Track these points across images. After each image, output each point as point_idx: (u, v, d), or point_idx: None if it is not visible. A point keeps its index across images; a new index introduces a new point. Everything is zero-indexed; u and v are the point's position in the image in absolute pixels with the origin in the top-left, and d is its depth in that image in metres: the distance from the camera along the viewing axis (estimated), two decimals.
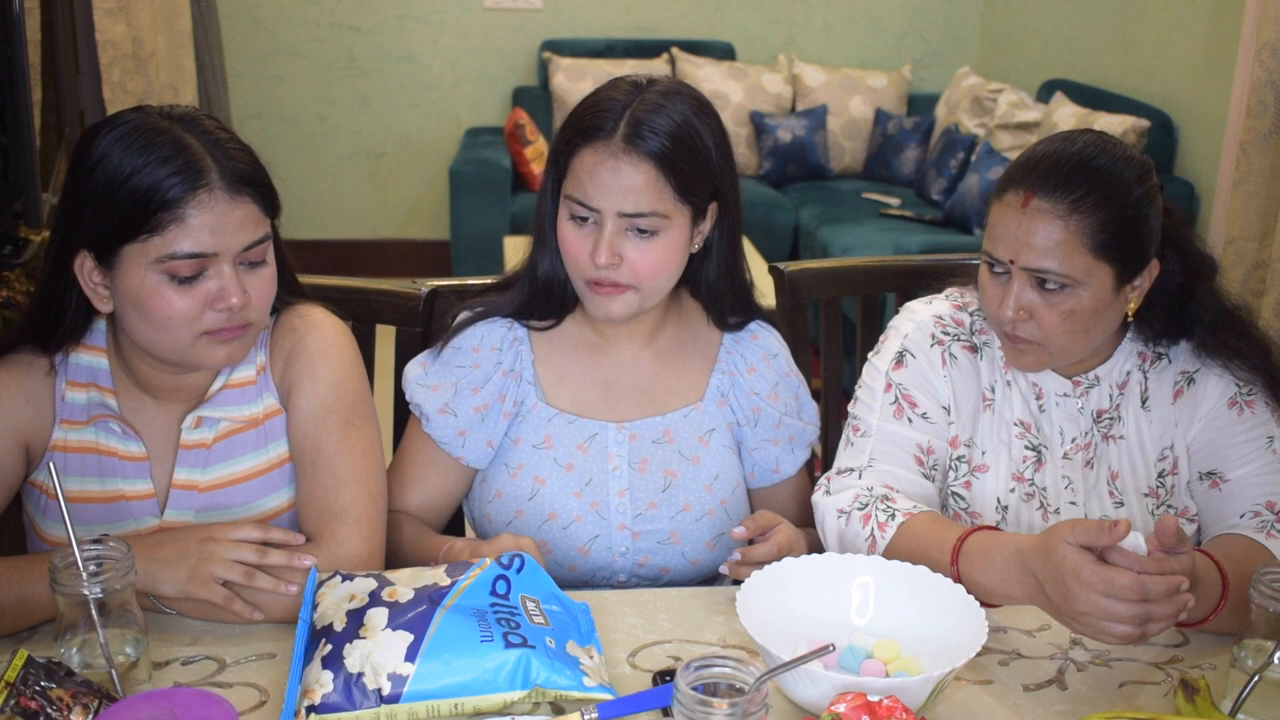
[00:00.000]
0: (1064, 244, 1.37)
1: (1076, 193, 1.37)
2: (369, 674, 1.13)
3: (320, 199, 5.41)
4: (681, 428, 1.58)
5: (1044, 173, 1.38)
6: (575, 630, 1.25)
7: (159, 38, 3.85)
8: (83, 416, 1.40)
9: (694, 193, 1.46)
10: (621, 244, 1.44)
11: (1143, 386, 1.52)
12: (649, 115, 1.42)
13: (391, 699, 1.12)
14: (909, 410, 1.52)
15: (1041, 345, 1.44)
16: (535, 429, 1.56)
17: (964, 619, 1.22)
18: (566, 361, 1.58)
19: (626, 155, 1.41)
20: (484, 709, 1.14)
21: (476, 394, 1.55)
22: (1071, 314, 1.40)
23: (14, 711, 1.01)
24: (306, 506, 1.41)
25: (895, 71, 5.40)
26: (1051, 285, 1.39)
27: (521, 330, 1.58)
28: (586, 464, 1.55)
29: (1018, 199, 1.39)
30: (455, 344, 1.57)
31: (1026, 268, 1.39)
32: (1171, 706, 1.22)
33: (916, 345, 1.55)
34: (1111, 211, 1.37)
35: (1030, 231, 1.38)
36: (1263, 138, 3.14)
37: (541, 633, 1.19)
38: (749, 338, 1.63)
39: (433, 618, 1.17)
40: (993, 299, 1.45)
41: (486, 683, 1.13)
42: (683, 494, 1.56)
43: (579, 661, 1.19)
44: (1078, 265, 1.37)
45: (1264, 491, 1.44)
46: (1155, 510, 1.51)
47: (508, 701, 1.14)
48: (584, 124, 1.44)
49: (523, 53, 5.44)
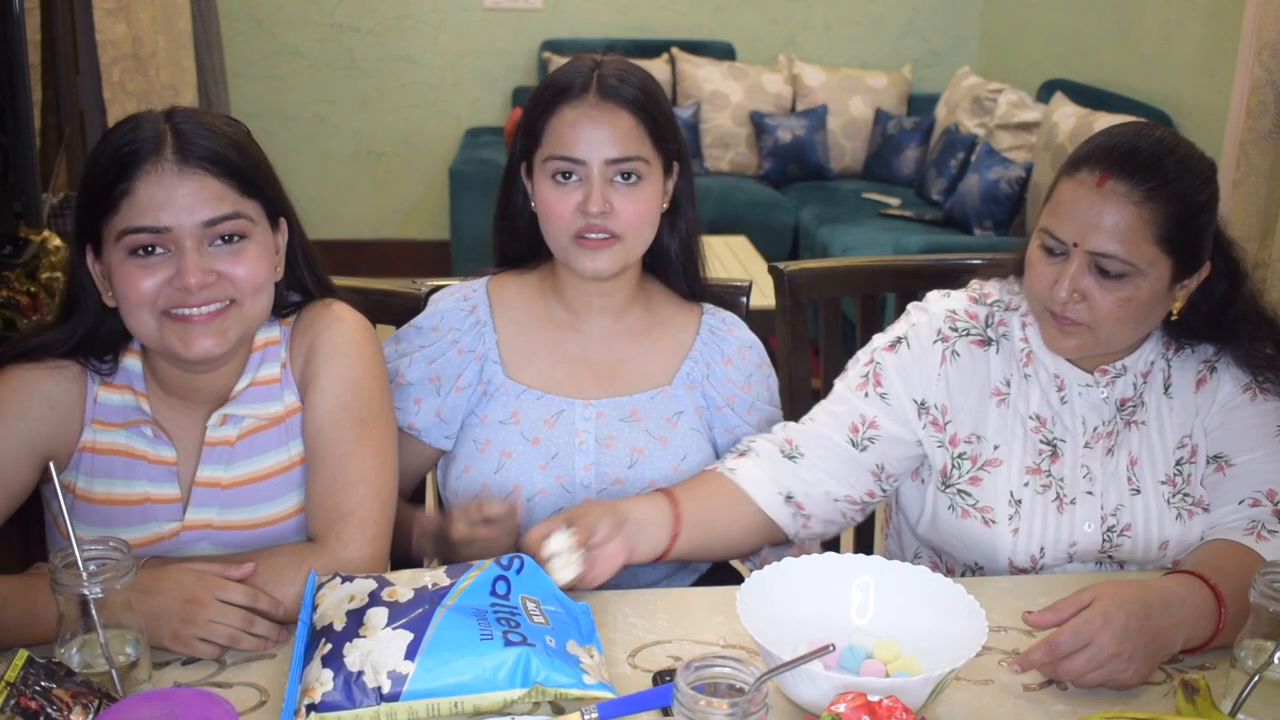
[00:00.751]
0: (1133, 230, 1.37)
1: (1153, 181, 1.37)
2: (369, 672, 1.12)
3: (320, 199, 5.41)
4: (649, 409, 1.62)
5: (1123, 155, 1.38)
6: (575, 630, 1.25)
7: (159, 38, 3.85)
8: (117, 419, 1.39)
9: (665, 142, 1.55)
10: (609, 192, 1.51)
11: (1166, 374, 1.53)
12: (616, 72, 1.54)
13: (391, 697, 1.11)
14: (872, 386, 1.54)
15: (1090, 329, 1.42)
16: (503, 406, 1.59)
17: (964, 619, 1.22)
18: (534, 338, 1.62)
19: (605, 103, 1.51)
20: (484, 708, 1.14)
21: (431, 365, 1.60)
22: (1127, 302, 1.40)
23: (14, 711, 1.01)
24: (314, 504, 1.40)
25: (895, 71, 5.40)
26: (1112, 271, 1.38)
27: (485, 313, 1.62)
28: (553, 438, 1.58)
29: (1092, 178, 1.39)
30: (416, 323, 1.64)
31: (1092, 251, 1.38)
32: (1171, 706, 1.22)
33: (918, 338, 1.55)
34: (1181, 206, 1.37)
35: (1101, 213, 1.37)
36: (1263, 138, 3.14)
37: (541, 632, 1.19)
38: (725, 330, 1.68)
39: (432, 617, 1.17)
40: (1044, 278, 1.43)
41: (486, 681, 1.13)
42: (649, 471, 1.59)
43: (579, 660, 1.19)
44: (1142, 254, 1.37)
45: (1265, 479, 1.45)
46: (1171, 499, 1.51)
47: (507, 700, 1.14)
48: (557, 87, 1.53)
49: (523, 53, 5.44)
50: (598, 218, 1.49)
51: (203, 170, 1.29)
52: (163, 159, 1.28)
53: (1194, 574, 1.31)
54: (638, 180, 1.52)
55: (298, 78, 5.33)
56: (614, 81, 1.52)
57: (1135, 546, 1.51)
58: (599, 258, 1.52)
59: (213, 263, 1.31)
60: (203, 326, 1.31)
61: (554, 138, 1.52)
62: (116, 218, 1.28)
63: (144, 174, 1.27)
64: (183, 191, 1.28)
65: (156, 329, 1.31)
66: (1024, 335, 1.54)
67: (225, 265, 1.31)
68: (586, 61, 1.55)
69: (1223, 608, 1.28)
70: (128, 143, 1.29)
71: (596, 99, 1.51)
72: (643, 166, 1.52)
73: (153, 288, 1.29)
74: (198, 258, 1.29)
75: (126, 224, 1.28)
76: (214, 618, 1.24)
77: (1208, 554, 1.40)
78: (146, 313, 1.30)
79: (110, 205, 1.28)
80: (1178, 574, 1.32)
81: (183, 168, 1.28)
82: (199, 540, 1.41)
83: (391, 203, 5.54)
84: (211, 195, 1.30)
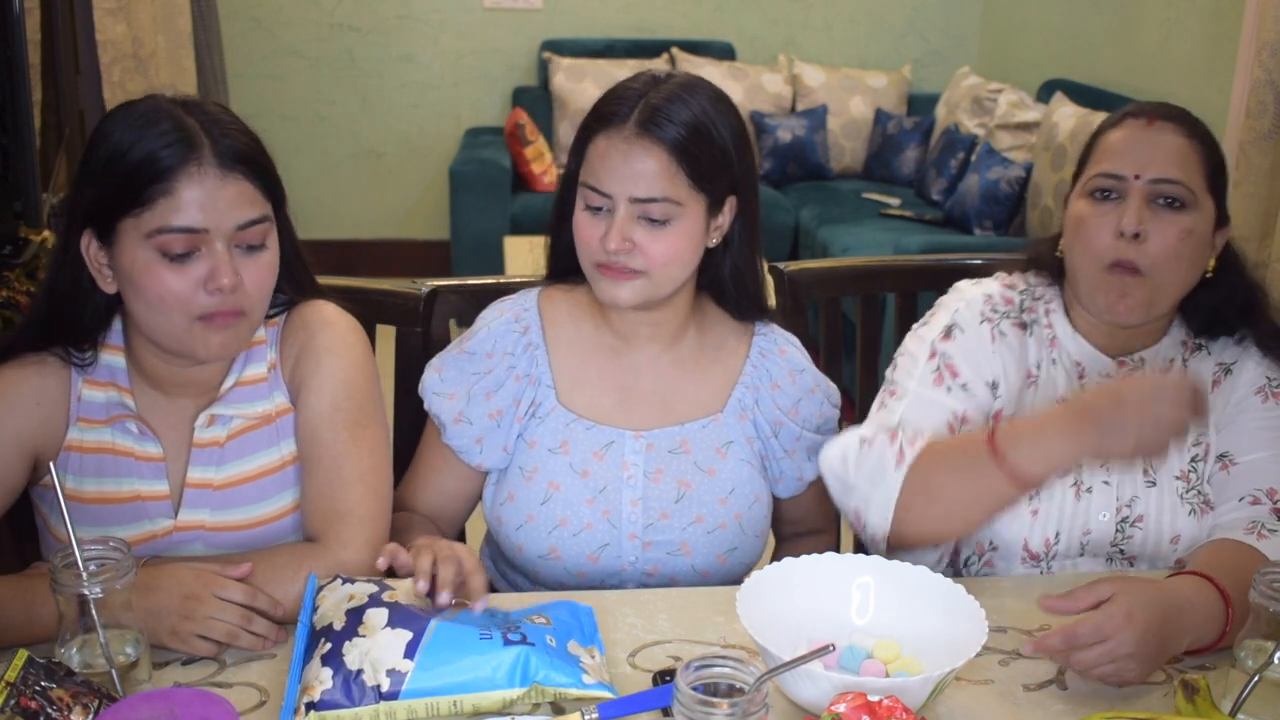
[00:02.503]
0: (1189, 160, 1.44)
1: (1194, 125, 1.47)
2: (368, 671, 1.13)
3: (320, 199, 5.41)
4: (699, 438, 1.56)
5: (1157, 108, 1.49)
6: (578, 631, 1.25)
7: (159, 38, 3.85)
8: (101, 416, 1.39)
9: (709, 182, 1.45)
10: (632, 230, 1.43)
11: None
12: (664, 103, 1.43)
13: (390, 695, 1.12)
14: (949, 379, 1.52)
15: (1147, 277, 1.44)
16: (552, 433, 1.54)
17: (964, 619, 1.22)
18: (586, 361, 1.57)
19: (639, 141, 1.42)
20: (483, 707, 1.14)
21: (490, 399, 1.54)
22: (1189, 235, 1.44)
23: (14, 711, 1.01)
24: (311, 505, 1.40)
25: (895, 71, 5.40)
26: (1176, 199, 1.44)
27: (536, 335, 1.56)
28: (601, 471, 1.53)
29: (1141, 122, 1.47)
30: (469, 349, 1.57)
31: (1156, 179, 1.44)
32: (1171, 706, 1.22)
33: (966, 321, 1.55)
34: (1216, 153, 1.47)
35: (1157, 144, 1.45)
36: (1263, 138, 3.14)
37: (542, 632, 1.19)
38: (776, 352, 1.62)
39: (433, 619, 1.18)
40: (1102, 228, 1.45)
41: (485, 680, 1.13)
42: (696, 505, 1.54)
43: (579, 660, 1.19)
44: (1198, 183, 1.45)
45: (1266, 478, 1.45)
46: (1184, 494, 1.51)
47: (507, 700, 1.14)
48: (601, 112, 1.46)
49: (523, 53, 5.43)
50: (616, 255, 1.44)
51: (241, 174, 1.30)
52: (204, 161, 1.27)
53: (1204, 576, 1.31)
54: (665, 223, 1.44)
55: (298, 78, 5.32)
56: (659, 115, 1.42)
57: (1147, 539, 1.51)
58: (619, 289, 1.46)
59: (237, 267, 1.31)
60: (224, 330, 1.32)
61: (588, 165, 1.46)
62: (150, 215, 1.27)
63: (186, 174, 1.27)
64: (224, 195, 1.28)
65: (185, 330, 1.31)
66: (1048, 322, 1.56)
67: (244, 273, 1.32)
68: (641, 84, 1.46)
69: (1230, 610, 1.29)
70: (161, 139, 1.27)
71: (634, 132, 1.42)
72: (672, 209, 1.43)
73: (186, 290, 1.28)
74: (228, 258, 1.29)
75: (163, 223, 1.26)
76: (213, 614, 1.24)
77: (1212, 554, 1.40)
78: (178, 314, 1.30)
79: (142, 202, 1.26)
80: (1187, 575, 1.32)
81: (224, 171, 1.28)
82: (192, 541, 1.41)
83: (391, 203, 5.54)
84: (247, 199, 1.31)
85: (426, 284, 1.78)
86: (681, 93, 1.45)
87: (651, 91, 1.45)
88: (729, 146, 1.47)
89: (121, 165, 1.27)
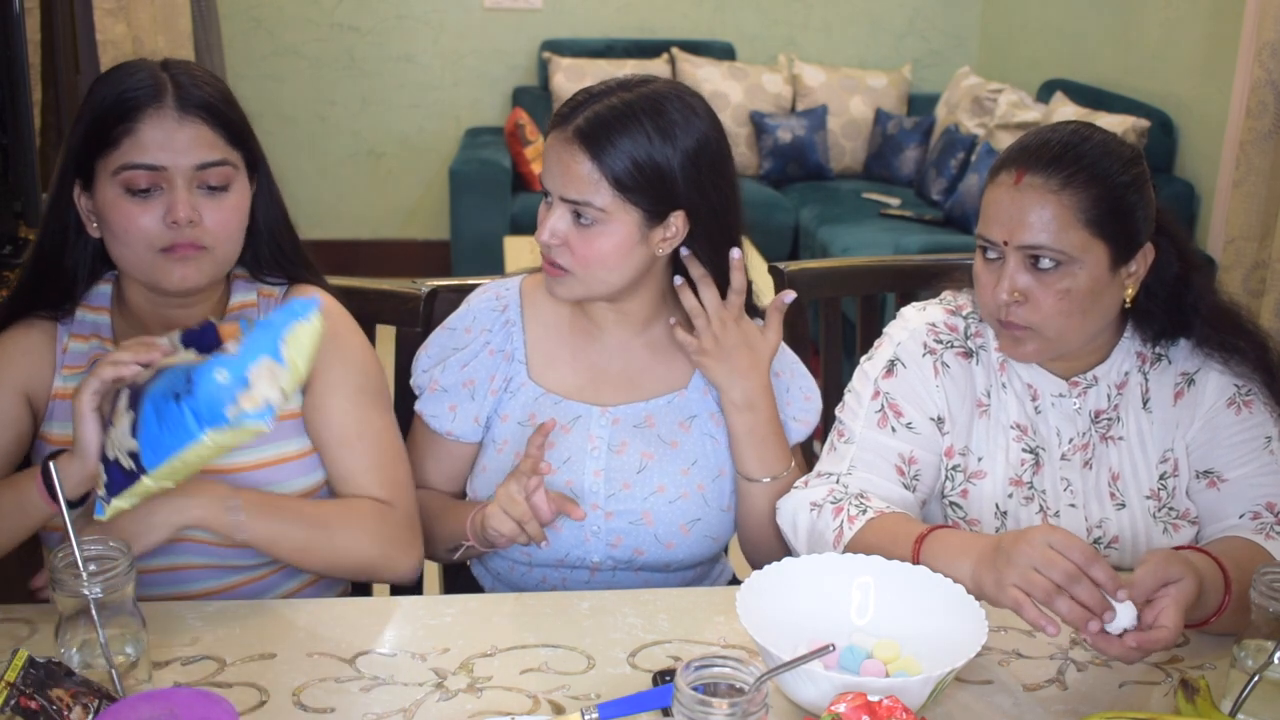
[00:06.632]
0: (1057, 218, 1.38)
1: (1068, 170, 1.39)
2: (121, 457, 1.20)
3: (320, 199, 5.41)
4: (664, 413, 1.60)
5: (1034, 152, 1.42)
6: (270, 346, 1.19)
7: (159, 38, 3.85)
8: (83, 362, 1.46)
9: (641, 195, 1.46)
10: (562, 227, 1.48)
11: (1143, 388, 1.52)
12: (601, 114, 1.45)
13: (139, 473, 1.19)
14: (894, 419, 1.52)
15: (1038, 331, 1.43)
16: (522, 406, 1.59)
17: (964, 619, 1.22)
18: (559, 344, 1.62)
19: (570, 145, 1.46)
20: (205, 455, 1.18)
21: (464, 369, 1.60)
22: (1067, 293, 1.40)
23: (14, 711, 1.01)
24: (365, 477, 1.48)
25: (895, 71, 5.40)
26: (1046, 263, 1.40)
27: (515, 313, 1.62)
28: (566, 443, 1.58)
29: (1010, 178, 1.42)
30: (450, 324, 1.63)
31: (1021, 245, 1.40)
32: (1171, 706, 1.22)
33: (908, 355, 1.54)
34: (1103, 189, 1.39)
35: (1023, 208, 1.40)
36: (1263, 138, 3.14)
37: (212, 366, 1.17)
38: None
39: (144, 393, 1.21)
40: (987, 286, 1.45)
41: (187, 435, 1.17)
42: (657, 476, 1.58)
43: (235, 391, 1.16)
44: (1072, 241, 1.39)
45: (1263, 493, 1.44)
46: (1157, 513, 1.51)
47: (218, 442, 1.17)
48: (557, 111, 1.52)
49: (523, 53, 5.44)
50: (548, 249, 1.50)
51: (199, 118, 1.39)
52: (164, 104, 1.38)
53: (1204, 552, 1.31)
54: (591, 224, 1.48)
55: (298, 78, 5.33)
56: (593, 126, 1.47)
57: (1124, 560, 1.52)
58: (555, 285, 1.53)
59: (197, 205, 1.39)
60: (186, 262, 1.40)
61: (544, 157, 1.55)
62: (116, 154, 1.37)
63: (147, 116, 1.37)
64: (182, 136, 1.38)
65: (150, 262, 1.39)
66: (998, 345, 1.53)
67: (205, 211, 1.39)
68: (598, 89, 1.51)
69: (1229, 582, 1.29)
70: (131, 85, 1.38)
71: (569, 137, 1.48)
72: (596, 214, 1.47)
73: (149, 224, 1.37)
74: (187, 195, 1.38)
75: (126, 160, 1.36)
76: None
77: (1217, 544, 1.40)
78: (142, 246, 1.39)
79: (110, 142, 1.37)
80: (1190, 548, 1.33)
81: (183, 114, 1.38)
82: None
83: (391, 203, 5.54)
84: (205, 141, 1.39)
85: (426, 284, 1.79)
86: (625, 109, 1.45)
87: (602, 100, 1.47)
88: (671, 167, 1.46)
89: (95, 111, 1.39)
